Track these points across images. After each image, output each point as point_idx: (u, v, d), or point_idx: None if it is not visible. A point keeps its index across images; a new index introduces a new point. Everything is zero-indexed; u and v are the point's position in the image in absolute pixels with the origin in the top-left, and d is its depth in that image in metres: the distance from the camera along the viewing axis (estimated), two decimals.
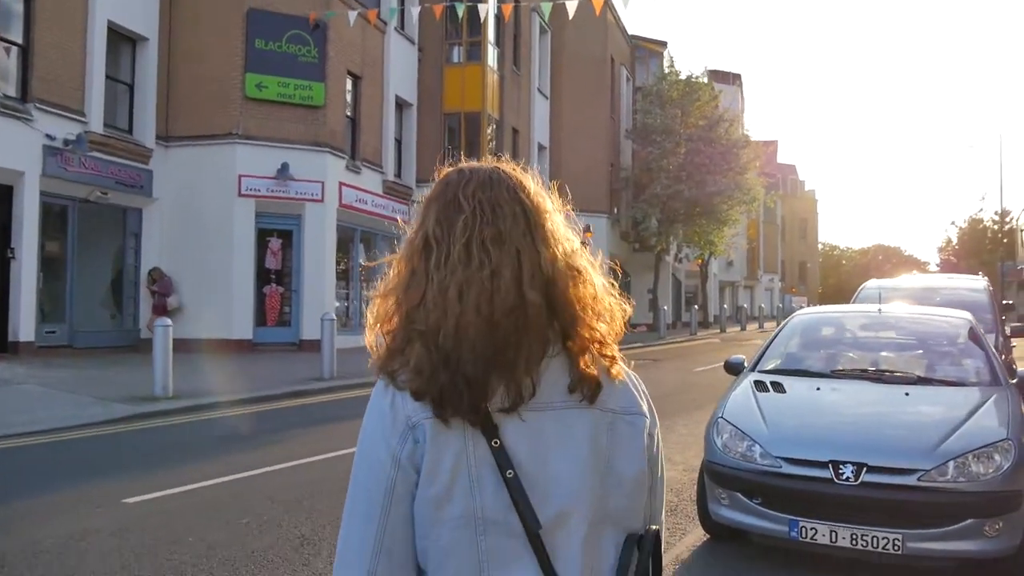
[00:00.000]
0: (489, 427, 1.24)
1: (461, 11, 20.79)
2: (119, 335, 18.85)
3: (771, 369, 6.38)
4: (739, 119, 40.30)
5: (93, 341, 17.71)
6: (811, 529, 4.89)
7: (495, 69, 26.48)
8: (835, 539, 4.82)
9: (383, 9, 21.96)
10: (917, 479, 4.77)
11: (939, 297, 10.66)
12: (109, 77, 17.94)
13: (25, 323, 15.81)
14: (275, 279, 20.27)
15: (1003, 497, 4.77)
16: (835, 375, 6.10)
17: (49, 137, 16.12)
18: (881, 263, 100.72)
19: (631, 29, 40.35)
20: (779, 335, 6.84)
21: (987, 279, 12.87)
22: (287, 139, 19.78)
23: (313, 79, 20.06)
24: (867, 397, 5.64)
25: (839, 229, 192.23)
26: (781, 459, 5.10)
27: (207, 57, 19.38)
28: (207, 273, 19.16)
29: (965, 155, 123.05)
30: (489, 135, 26.05)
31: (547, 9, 21.60)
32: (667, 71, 37.60)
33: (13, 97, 15.67)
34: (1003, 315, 12.64)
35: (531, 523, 1.23)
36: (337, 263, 21.68)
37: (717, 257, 45.43)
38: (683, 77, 36.70)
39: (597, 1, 14.29)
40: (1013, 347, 11.52)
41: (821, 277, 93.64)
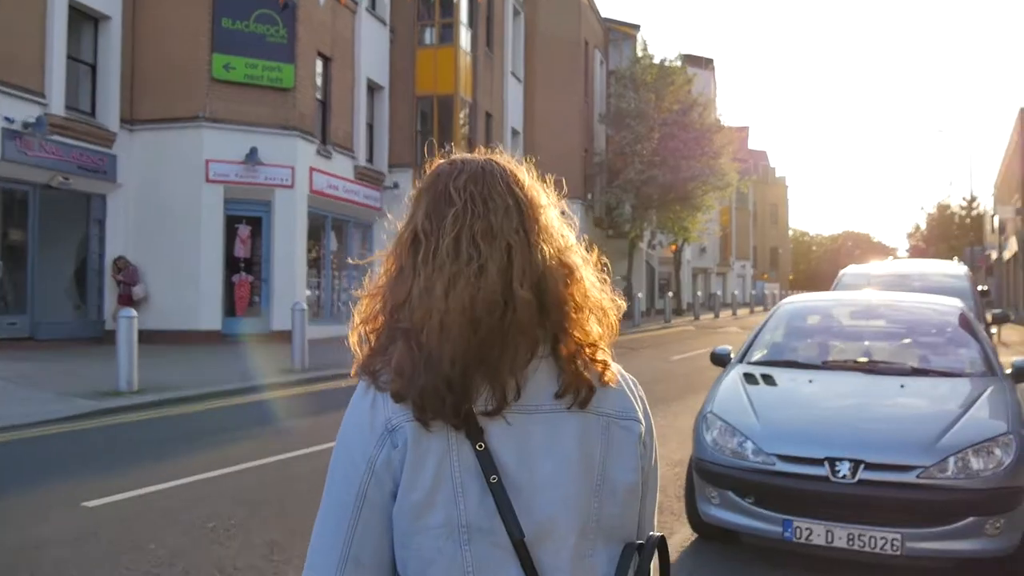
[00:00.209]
0: (474, 430, 1.18)
1: None
2: (83, 327, 18.31)
3: (760, 360, 6.17)
4: (712, 104, 40.14)
5: (56, 333, 17.19)
6: (806, 529, 4.70)
7: (468, 51, 26.07)
8: (831, 539, 4.64)
9: None
10: (916, 476, 4.59)
11: (920, 284, 10.53)
12: (71, 57, 17.32)
13: None
14: (244, 268, 19.82)
15: (1005, 494, 4.60)
16: (827, 366, 5.90)
17: (7, 120, 15.51)
18: (851, 249, 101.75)
19: (604, 11, 40.00)
20: (766, 325, 6.63)
21: (966, 266, 12.80)
22: (255, 122, 19.29)
23: (282, 60, 19.57)
24: (861, 390, 5.44)
25: (809, 215, 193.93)
26: (774, 456, 4.89)
27: (172, 37, 18.80)
28: (174, 261, 18.68)
29: (934, 140, 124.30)
30: (462, 119, 25.67)
31: None
32: (641, 55, 37.35)
33: None
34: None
35: (513, 531, 1.17)
36: (308, 251, 21.31)
37: (691, 243, 45.39)
38: (657, 61, 36.47)
39: None
40: (993, 334, 11.45)
41: (792, 263, 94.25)
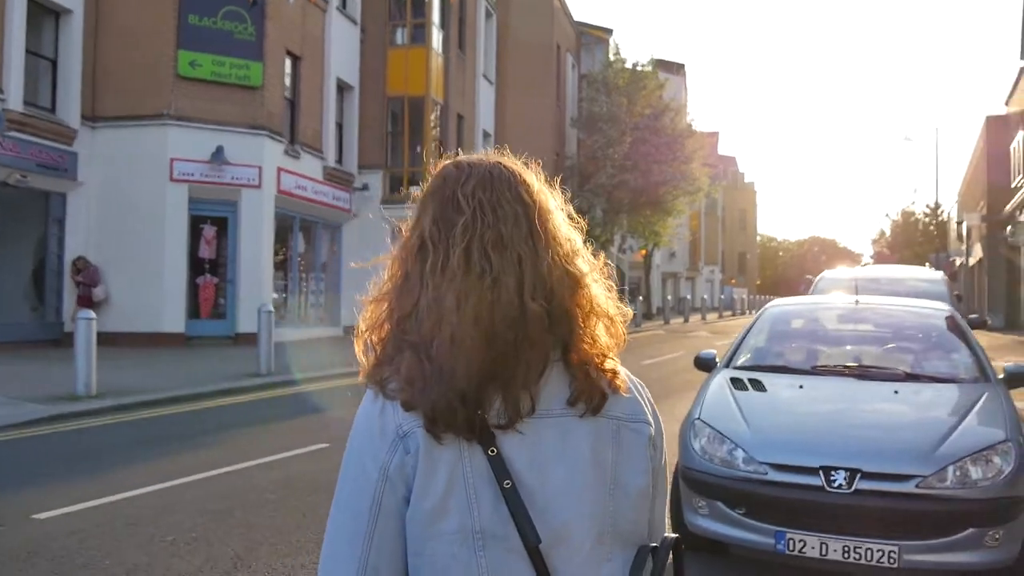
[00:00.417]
0: (486, 435, 1.17)
1: None
2: (41, 328, 17.74)
3: (747, 365, 5.96)
4: (683, 109, 40.22)
5: (12, 335, 16.63)
6: (799, 541, 4.49)
7: (440, 52, 25.78)
8: (825, 552, 4.43)
9: None
10: (915, 486, 4.40)
11: (899, 288, 10.44)
12: (30, 51, 16.79)
13: None
14: (209, 269, 19.39)
15: (1005, 504, 4.43)
16: (816, 372, 5.70)
17: None
18: (817, 255, 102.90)
19: (576, 15, 39.91)
20: (752, 329, 6.43)
21: (941, 271, 12.78)
22: (222, 121, 18.85)
23: (250, 58, 19.16)
24: (854, 396, 5.25)
25: (777, 221, 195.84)
26: (767, 465, 4.67)
27: (137, 32, 18.31)
28: (136, 262, 18.19)
29: (901, 148, 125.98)
30: (433, 121, 25.36)
31: None
32: (613, 59, 37.34)
33: None
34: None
35: (530, 537, 1.15)
36: (275, 252, 20.92)
37: (661, 248, 45.44)
38: (629, 65, 36.46)
39: None
40: None
41: (759, 268, 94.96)
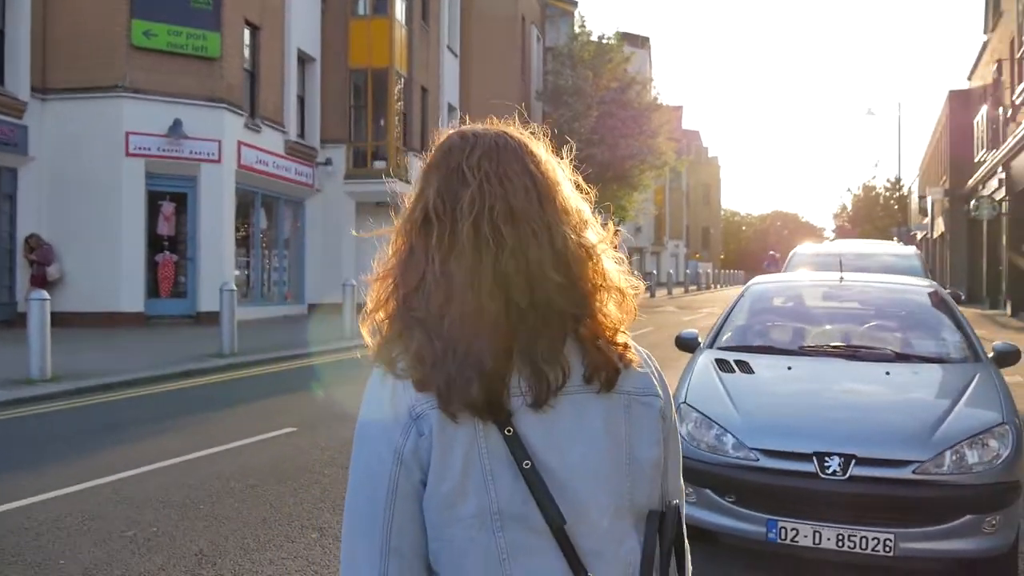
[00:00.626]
0: (502, 414, 1.16)
1: None
2: None
3: (731, 345, 5.76)
4: (649, 83, 40.02)
5: None
6: (792, 530, 4.32)
7: (403, 23, 25.25)
8: (819, 540, 4.27)
9: None
10: (912, 472, 4.23)
11: (874, 264, 10.34)
12: None
13: None
14: (168, 246, 18.92)
15: (1003, 489, 4.28)
16: (804, 352, 5.52)
17: None
18: (779, 229, 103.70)
19: None
20: (735, 307, 6.24)
21: (914, 246, 12.73)
22: (179, 93, 18.30)
23: (207, 28, 18.56)
24: (845, 378, 5.07)
25: (740, 196, 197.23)
26: (757, 451, 4.49)
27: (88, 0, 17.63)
28: (92, 240, 17.66)
29: (864, 122, 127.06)
30: (397, 94, 24.89)
31: None
32: (578, 31, 36.96)
33: None
34: None
35: (555, 517, 1.15)
36: (237, 229, 20.49)
37: (627, 223, 45.37)
38: (595, 38, 36.13)
39: None
40: None
41: (723, 243, 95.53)
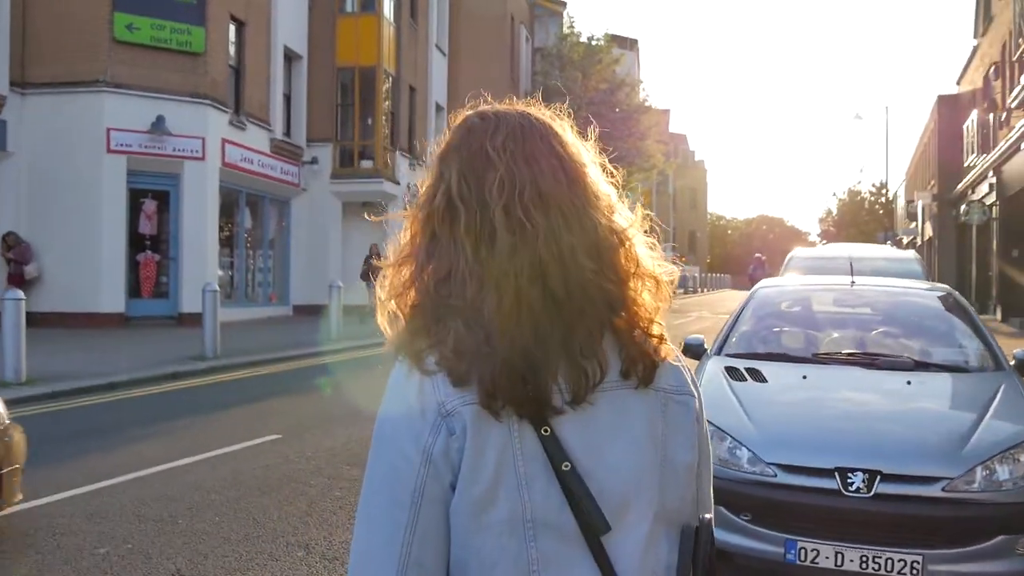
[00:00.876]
0: (540, 412, 1.09)
1: None
2: None
3: (740, 352, 5.49)
4: (638, 85, 39.86)
5: None
6: (812, 551, 4.06)
7: (391, 21, 24.92)
8: (841, 562, 4.01)
9: None
10: (941, 489, 3.98)
11: (874, 268, 10.10)
12: None
13: None
14: (150, 245, 18.50)
15: None
16: (818, 359, 5.26)
17: None
18: (764, 233, 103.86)
19: None
20: (743, 312, 5.96)
21: (912, 250, 12.53)
22: (162, 89, 17.90)
23: (192, 22, 18.18)
24: (864, 387, 4.81)
25: (726, 200, 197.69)
26: (774, 466, 4.22)
27: None
28: (72, 238, 17.22)
29: (850, 127, 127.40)
30: (385, 92, 24.55)
31: None
32: (567, 32, 36.75)
33: None
34: None
35: (599, 523, 1.09)
36: (221, 228, 20.11)
37: None
38: (584, 39, 35.94)
39: None
40: None
41: (709, 247, 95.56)
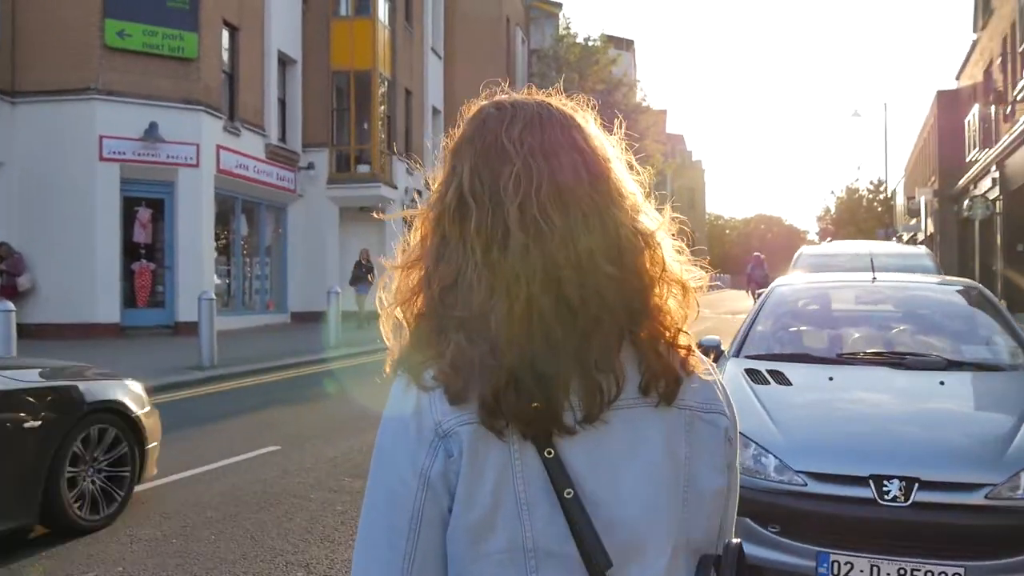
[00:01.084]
0: (543, 432, 1.00)
1: None
2: None
3: (760, 354, 5.23)
4: (635, 85, 39.71)
5: None
6: (846, 564, 3.83)
7: (386, 24, 24.70)
8: None
9: None
10: (984, 496, 3.74)
11: (887, 264, 9.87)
12: None
13: None
14: (145, 254, 18.24)
15: None
16: (843, 360, 5.00)
17: None
18: (763, 232, 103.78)
19: None
20: (761, 311, 5.71)
21: (923, 245, 12.32)
22: (155, 95, 17.64)
23: (184, 28, 17.93)
24: (895, 389, 4.55)
25: (724, 199, 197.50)
26: (804, 474, 3.98)
27: None
28: (65, 248, 16.94)
29: (848, 125, 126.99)
30: (381, 96, 24.32)
31: None
32: (563, 33, 36.60)
33: None
34: None
35: (599, 559, 0.98)
36: (216, 236, 19.88)
37: None
38: (580, 40, 35.78)
39: None
40: None
41: (708, 247, 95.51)
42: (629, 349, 1.06)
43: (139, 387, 5.94)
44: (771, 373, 4.86)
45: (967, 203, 25.85)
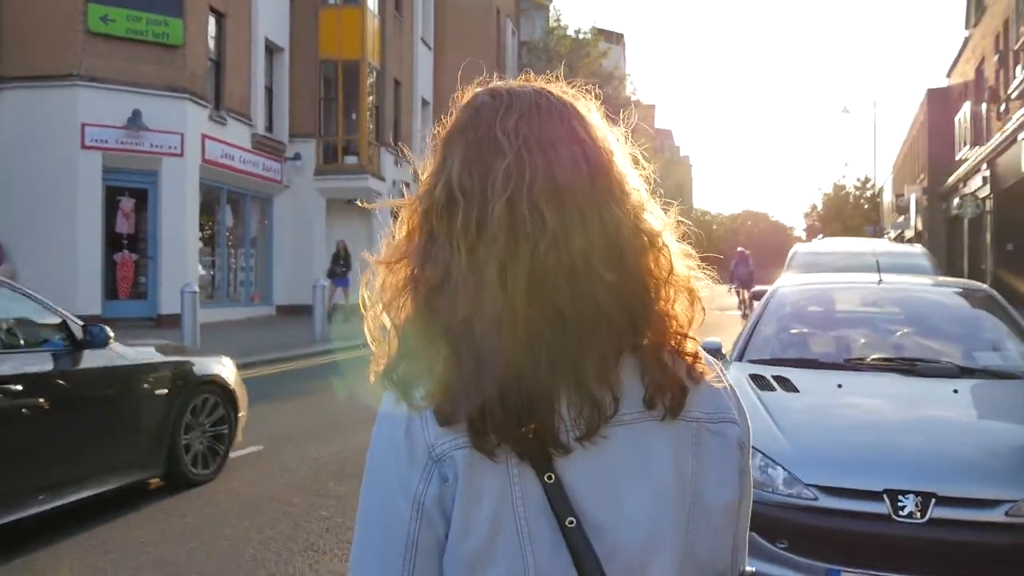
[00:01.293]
0: (542, 454, 0.93)
1: None
2: None
3: (764, 359, 5.04)
4: (626, 79, 39.56)
5: None
6: None
7: (376, 13, 24.39)
8: None
9: None
10: (1004, 513, 3.57)
11: (884, 264, 9.71)
12: None
13: None
14: (127, 245, 17.90)
15: None
16: (852, 366, 4.82)
17: None
18: (750, 228, 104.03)
19: None
20: (764, 314, 5.52)
21: (920, 244, 12.20)
22: (139, 82, 17.29)
23: (169, 14, 17.59)
24: (907, 397, 4.37)
25: (711, 195, 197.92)
26: (814, 488, 3.80)
27: None
28: (46, 238, 16.60)
29: (837, 121, 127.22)
30: (369, 87, 24.03)
31: None
32: (553, 25, 36.39)
33: None
34: None
35: None
36: (201, 227, 19.59)
37: None
38: (571, 33, 35.60)
39: None
40: None
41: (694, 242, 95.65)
42: (630, 359, 0.99)
43: (231, 364, 6.87)
44: (777, 379, 4.66)
45: (957, 201, 25.85)
